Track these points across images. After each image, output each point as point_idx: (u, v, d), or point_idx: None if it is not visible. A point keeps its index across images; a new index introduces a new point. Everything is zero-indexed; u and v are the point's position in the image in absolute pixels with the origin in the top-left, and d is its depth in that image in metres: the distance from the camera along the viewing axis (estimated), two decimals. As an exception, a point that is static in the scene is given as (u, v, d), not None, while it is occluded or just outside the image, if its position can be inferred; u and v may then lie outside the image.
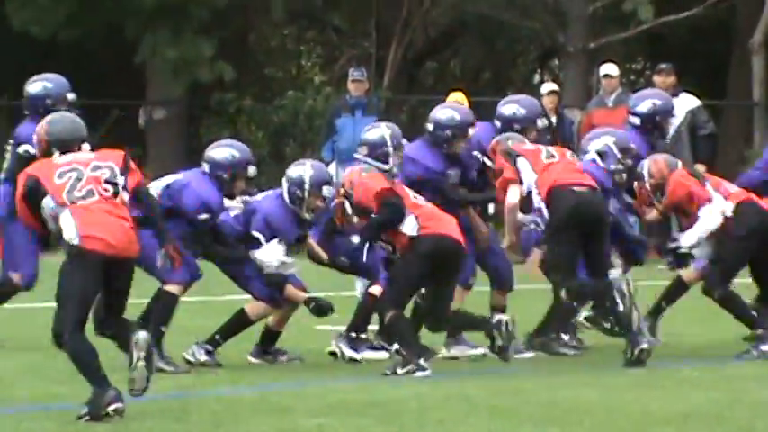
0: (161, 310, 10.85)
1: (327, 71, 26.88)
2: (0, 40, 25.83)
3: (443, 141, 10.95)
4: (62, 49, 24.87)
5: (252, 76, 12.94)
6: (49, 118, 9.92)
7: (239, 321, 11.00)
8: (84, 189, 8.97)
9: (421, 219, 10.60)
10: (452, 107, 11.76)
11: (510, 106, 11.36)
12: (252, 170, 10.97)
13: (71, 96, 12.15)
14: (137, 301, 10.75)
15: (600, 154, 11.54)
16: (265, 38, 26.91)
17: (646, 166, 11.73)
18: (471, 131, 11.31)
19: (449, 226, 10.83)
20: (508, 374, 10.19)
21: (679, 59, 20.55)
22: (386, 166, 11.05)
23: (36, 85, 12.02)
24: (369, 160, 10.78)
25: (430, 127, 11.11)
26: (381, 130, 11.09)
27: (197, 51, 23.69)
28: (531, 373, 10.42)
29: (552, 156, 11.38)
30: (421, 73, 29.16)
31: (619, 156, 11.20)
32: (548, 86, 17.53)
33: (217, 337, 10.91)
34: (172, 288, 10.70)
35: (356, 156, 11.25)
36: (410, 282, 10.65)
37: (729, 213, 11.41)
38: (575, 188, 10.95)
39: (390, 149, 10.86)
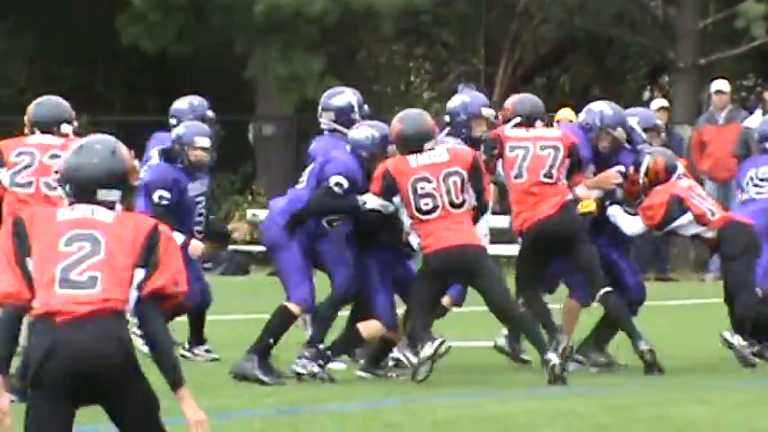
0: (277, 325, 10.83)
1: (436, 87, 26.83)
2: (109, 55, 26.24)
3: (462, 127, 10.91)
4: (171, 63, 25.26)
5: (361, 93, 12.73)
6: (37, 100, 10.88)
7: (351, 339, 10.97)
8: (26, 178, 10.24)
9: (421, 237, 10.53)
10: (461, 95, 11.56)
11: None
12: (391, 148, 10.85)
13: (210, 114, 12.58)
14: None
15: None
16: (374, 54, 26.98)
17: (645, 161, 11.62)
18: (486, 111, 11.13)
19: (449, 236, 10.57)
20: (617, 391, 10.13)
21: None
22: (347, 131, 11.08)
23: (182, 101, 12.57)
24: (336, 126, 10.62)
25: (447, 118, 11.09)
26: (347, 96, 11.06)
27: (306, 67, 23.98)
28: (640, 390, 10.32)
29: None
30: (530, 89, 27.71)
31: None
32: (658, 102, 17.28)
33: (327, 352, 10.78)
34: (293, 307, 10.67)
35: (321, 121, 11.05)
36: (421, 299, 10.65)
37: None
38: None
39: (357, 116, 10.93)
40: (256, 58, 24.05)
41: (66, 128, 11.03)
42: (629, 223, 11.80)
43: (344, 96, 11.33)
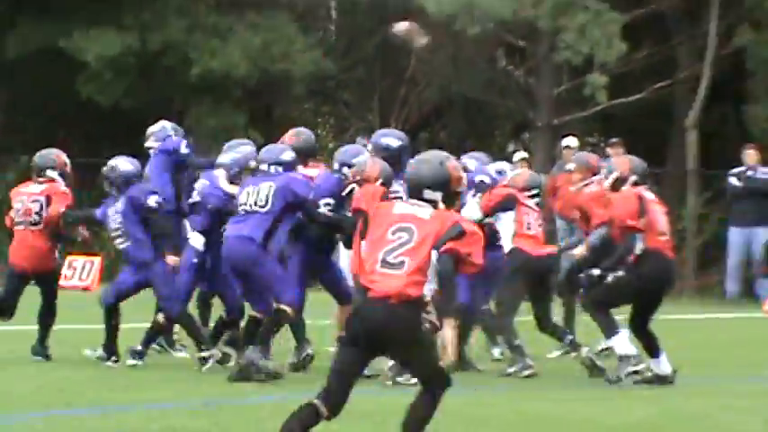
0: (272, 324, 10.62)
1: (339, 139, 26.69)
2: (70, 108, 26.13)
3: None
4: (122, 115, 25.01)
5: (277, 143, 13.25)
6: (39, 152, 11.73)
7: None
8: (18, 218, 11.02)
9: None
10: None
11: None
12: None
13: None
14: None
15: None
16: (288, 111, 26.87)
17: (612, 161, 11.64)
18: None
19: None
20: (482, 388, 10.09)
21: (628, 134, 20.91)
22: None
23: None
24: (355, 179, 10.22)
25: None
26: (366, 155, 10.82)
27: (232, 121, 23.96)
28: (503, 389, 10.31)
29: None
30: (415, 143, 28.45)
31: None
32: (519, 155, 17.62)
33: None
34: (286, 308, 10.43)
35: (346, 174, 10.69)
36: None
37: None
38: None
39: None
40: (192, 113, 24.02)
41: (50, 173, 11.35)
42: (469, 209, 11.45)
43: (364, 156, 11.04)
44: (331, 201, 10.94)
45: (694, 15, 24.42)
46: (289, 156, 10.34)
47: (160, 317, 11.43)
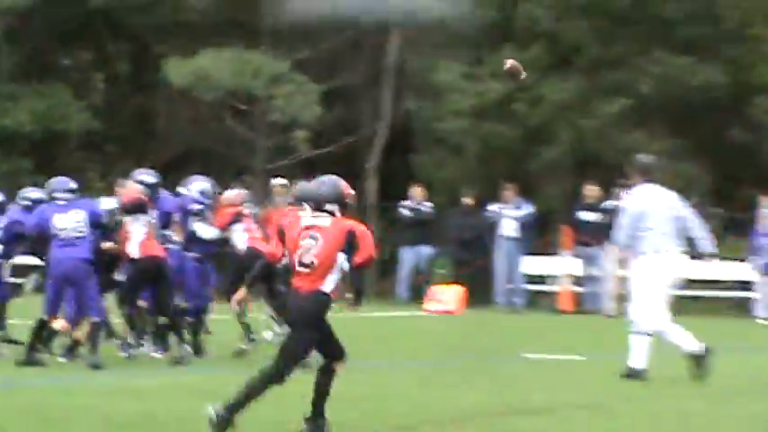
0: None
1: (104, 180, 25.68)
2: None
3: None
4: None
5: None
6: None
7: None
8: None
9: None
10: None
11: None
12: None
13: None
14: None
15: None
16: (66, 159, 27.26)
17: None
18: None
19: None
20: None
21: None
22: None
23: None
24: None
25: None
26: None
27: (19, 166, 24.83)
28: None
29: None
30: (166, 181, 28.02)
31: None
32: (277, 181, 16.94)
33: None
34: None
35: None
36: None
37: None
38: None
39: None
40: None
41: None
42: (205, 231, 12.73)
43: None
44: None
45: (373, 85, 25.68)
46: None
47: None
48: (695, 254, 11.74)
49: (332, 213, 7.47)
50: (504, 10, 24.07)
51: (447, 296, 21.88)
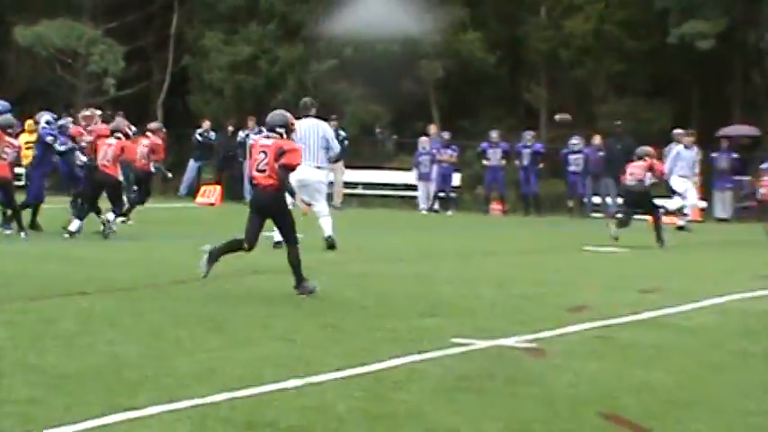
0: None
1: None
2: None
3: None
4: None
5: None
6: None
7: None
8: None
9: None
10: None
11: None
12: None
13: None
14: None
15: None
16: None
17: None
18: None
19: None
20: None
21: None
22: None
23: None
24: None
25: None
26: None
27: None
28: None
29: None
30: None
31: None
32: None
33: None
34: None
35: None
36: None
37: None
38: None
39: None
40: None
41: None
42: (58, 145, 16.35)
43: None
44: None
45: (161, 47, 33.23)
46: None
47: None
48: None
49: (280, 135, 9.88)
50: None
51: (211, 193, 26.52)
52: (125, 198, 16.61)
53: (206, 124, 27.80)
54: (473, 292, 11.13)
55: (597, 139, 27.83)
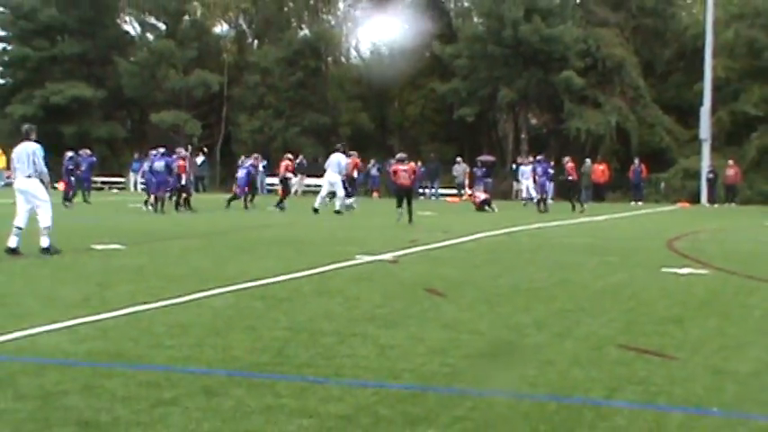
0: None
1: None
2: None
3: None
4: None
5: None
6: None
7: None
8: None
9: None
10: None
11: None
12: None
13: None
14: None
15: None
16: None
17: None
18: None
19: None
20: None
21: None
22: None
23: None
24: None
25: None
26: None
27: None
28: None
29: None
30: None
31: None
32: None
33: None
34: None
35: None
36: None
37: None
38: None
39: None
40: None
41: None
42: None
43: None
44: None
45: None
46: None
47: None
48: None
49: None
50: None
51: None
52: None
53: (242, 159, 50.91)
54: (367, 234, 16.94)
55: (419, 163, 52.09)
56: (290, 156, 28.96)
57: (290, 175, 28.06)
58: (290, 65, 55.00)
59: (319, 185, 27.15)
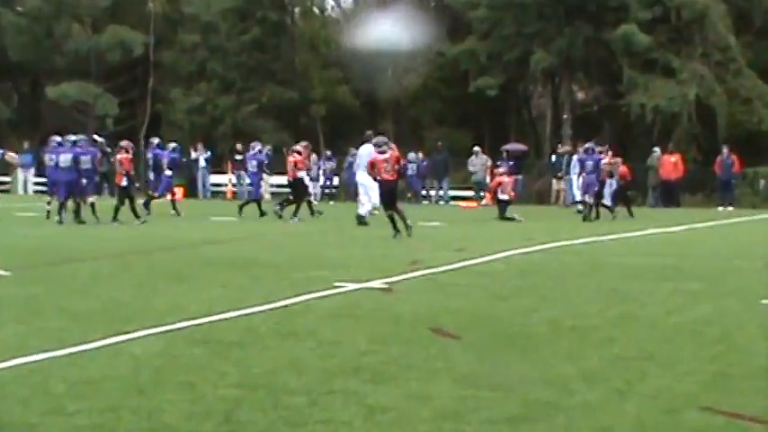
0: None
1: None
2: None
3: None
4: None
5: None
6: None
7: None
8: None
9: None
10: None
11: None
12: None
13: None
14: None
15: None
16: None
17: None
18: None
19: None
20: None
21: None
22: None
23: None
24: None
25: None
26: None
27: None
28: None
29: None
30: None
31: None
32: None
33: None
34: None
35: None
36: None
37: None
38: None
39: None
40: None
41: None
42: None
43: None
44: None
45: None
46: None
47: None
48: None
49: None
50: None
51: (178, 192, 55.44)
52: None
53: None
54: (348, 253, 17.08)
55: (421, 154, 49.54)
56: (298, 148, 29.51)
57: (302, 173, 28.83)
58: (243, 19, 55.38)
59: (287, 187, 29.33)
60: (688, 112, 47.04)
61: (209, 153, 45.19)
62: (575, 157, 34.53)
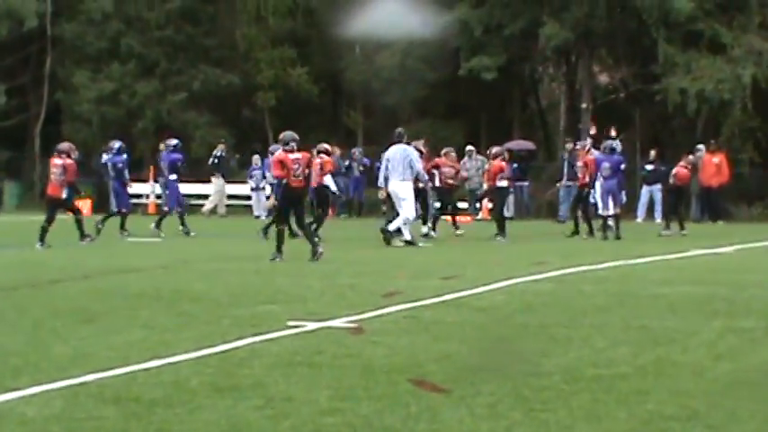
0: None
1: None
2: None
3: None
4: None
5: None
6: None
7: None
8: None
9: None
10: None
11: None
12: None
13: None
14: None
15: None
16: None
17: None
18: None
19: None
20: None
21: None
22: None
23: None
24: None
25: None
26: None
27: None
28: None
29: None
30: None
31: None
32: None
33: None
34: None
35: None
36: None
37: None
38: None
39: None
40: None
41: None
42: None
43: None
44: None
45: (38, 84, 56.82)
46: None
47: None
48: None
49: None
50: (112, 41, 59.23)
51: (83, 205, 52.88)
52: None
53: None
54: (304, 283, 17.47)
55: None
56: (325, 147, 30.04)
57: (329, 181, 29.56)
58: (167, -19, 54.60)
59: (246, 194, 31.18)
60: (742, 100, 47.23)
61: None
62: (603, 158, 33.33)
